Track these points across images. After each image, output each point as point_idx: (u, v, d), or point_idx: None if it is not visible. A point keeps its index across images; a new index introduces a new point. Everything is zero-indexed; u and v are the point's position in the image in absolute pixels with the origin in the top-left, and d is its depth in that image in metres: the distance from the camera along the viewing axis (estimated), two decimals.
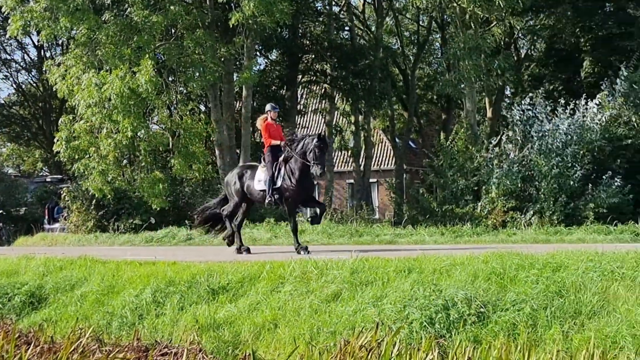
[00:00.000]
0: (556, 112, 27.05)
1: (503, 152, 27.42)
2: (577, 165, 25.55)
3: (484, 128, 38.89)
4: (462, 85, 31.42)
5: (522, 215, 25.23)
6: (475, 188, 27.91)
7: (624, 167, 26.35)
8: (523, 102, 27.91)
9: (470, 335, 9.95)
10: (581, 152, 25.90)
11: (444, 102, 48.93)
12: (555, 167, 25.24)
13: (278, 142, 18.06)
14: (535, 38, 42.75)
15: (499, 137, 29.86)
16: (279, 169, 17.66)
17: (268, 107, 18.73)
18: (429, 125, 54.81)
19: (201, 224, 20.57)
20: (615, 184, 25.09)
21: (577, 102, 27.26)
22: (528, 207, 25.44)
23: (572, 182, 25.16)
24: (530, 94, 28.91)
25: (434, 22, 46.08)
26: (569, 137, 26.08)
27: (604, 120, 26.97)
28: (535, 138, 26.46)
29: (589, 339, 9.19)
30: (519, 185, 26.00)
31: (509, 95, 44.88)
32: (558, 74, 40.43)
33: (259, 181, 18.02)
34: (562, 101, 27.42)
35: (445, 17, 41.28)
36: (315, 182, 19.47)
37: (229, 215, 18.89)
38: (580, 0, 37.02)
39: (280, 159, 17.77)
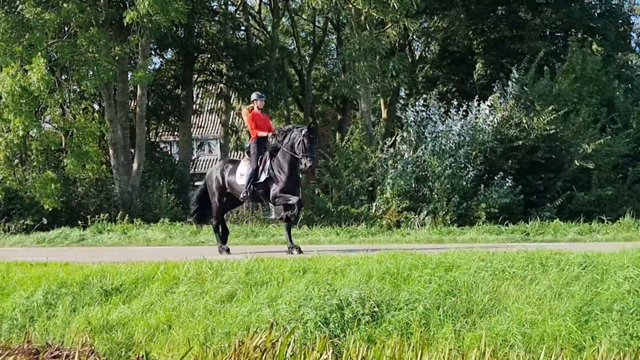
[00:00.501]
0: (449, 113, 27.40)
1: (397, 152, 27.65)
2: (469, 165, 25.95)
3: (379, 129, 39.15)
4: (358, 86, 31.62)
5: (416, 216, 25.48)
6: (370, 188, 28.08)
7: (515, 168, 26.86)
8: (417, 103, 28.16)
9: (364, 334, 10.01)
10: (474, 153, 26.31)
11: (340, 102, 49.11)
12: (448, 168, 25.56)
13: (265, 134, 17.01)
14: (429, 40, 43.33)
15: (393, 137, 30.15)
16: (264, 163, 16.61)
17: (254, 96, 17.59)
18: (324, 126, 54.87)
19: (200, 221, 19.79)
20: (507, 184, 25.55)
21: (469, 103, 27.65)
22: (422, 207, 25.70)
23: (464, 183, 25.54)
24: (424, 96, 29.23)
25: (329, 23, 46.25)
26: (462, 138, 26.47)
27: (496, 121, 27.43)
28: (429, 139, 26.76)
29: (481, 337, 9.34)
30: (413, 185, 26.23)
31: (404, 96, 45.36)
32: (451, 75, 41.01)
33: (241, 175, 16.96)
34: (455, 103, 27.79)
35: (340, 18, 41.44)
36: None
37: (217, 222, 17.90)
38: (472, 3, 37.62)
39: (266, 152, 16.72)
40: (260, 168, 16.58)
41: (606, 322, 8.99)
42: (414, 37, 44.20)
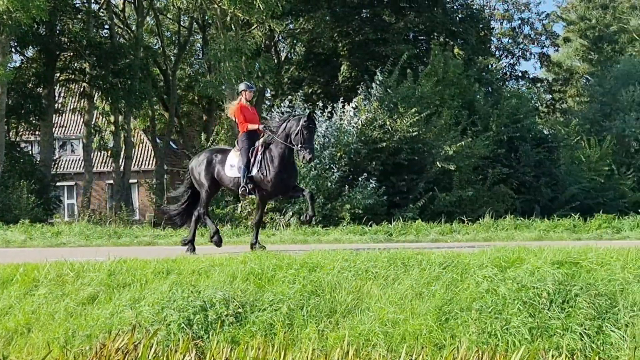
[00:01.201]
0: (315, 114, 27.56)
1: None
2: (334, 167, 26.17)
3: None
4: (223, 87, 31.55)
5: (282, 216, 25.55)
6: None
7: (378, 169, 27.24)
8: (282, 104, 28.26)
9: (228, 336, 9.97)
10: (338, 154, 26.55)
11: (206, 103, 48.89)
12: (313, 169, 25.70)
13: (256, 127, 15.66)
14: (295, 41, 43.56)
15: None
16: (255, 155, 15.32)
17: (242, 86, 16.15)
18: (190, 126, 54.56)
19: (175, 222, 17.71)
20: (371, 185, 25.88)
21: (334, 105, 27.90)
22: (287, 208, 25.79)
23: (329, 184, 25.74)
24: (290, 97, 29.34)
25: (195, 23, 45.96)
26: (327, 139, 26.67)
27: (360, 123, 27.74)
28: None
29: (344, 337, 9.42)
30: None
31: (269, 97, 45.45)
32: (317, 77, 41.33)
33: (231, 166, 15.65)
34: (321, 104, 28.02)
35: (206, 18, 41.25)
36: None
37: (205, 211, 16.25)
38: (337, 5, 38.01)
39: (258, 143, 15.40)
40: (252, 161, 15.33)
41: (465, 320, 9.18)
42: (280, 38, 44.39)
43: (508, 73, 50.78)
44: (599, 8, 53.22)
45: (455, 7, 42.48)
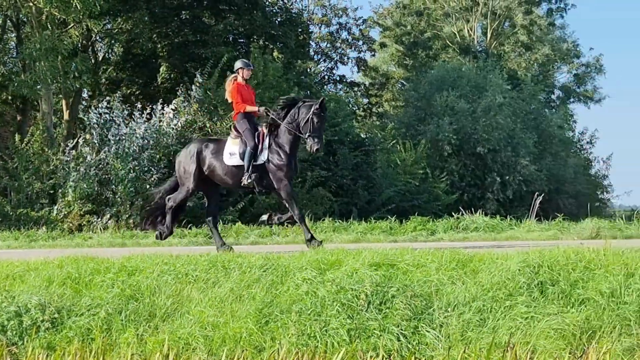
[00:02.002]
0: (133, 116, 27.18)
1: (80, 155, 27.04)
2: (153, 169, 25.88)
3: (61, 130, 38.10)
4: (39, 87, 30.61)
5: (99, 219, 25.06)
6: (52, 191, 27.29)
7: None
8: (100, 105, 27.76)
9: (44, 341, 9.75)
10: (157, 156, 26.28)
11: (20, 103, 47.24)
12: (132, 171, 25.36)
13: (255, 108, 14.54)
14: (112, 42, 42.72)
15: (75, 140, 29.43)
16: (262, 141, 13.98)
17: (239, 63, 14.93)
18: (3, 127, 52.65)
19: (150, 224, 15.69)
20: None
21: (154, 106, 27.62)
22: (105, 210, 25.34)
23: (148, 186, 25.42)
24: (108, 98, 28.87)
25: (8, 21, 44.41)
26: (146, 141, 26.35)
27: (180, 125, 27.56)
28: (113, 142, 26.40)
29: (163, 341, 9.34)
30: (96, 188, 25.80)
31: (87, 98, 44.43)
32: (135, 78, 40.73)
33: (230, 155, 14.10)
34: (139, 105, 27.68)
35: (20, 16, 39.91)
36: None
37: (174, 207, 14.73)
38: (157, 6, 37.56)
39: (263, 128, 14.12)
40: (260, 147, 13.98)
41: (285, 323, 9.27)
42: (98, 38, 43.43)
43: (326, 77, 51.57)
44: (414, 15, 54.74)
45: (274, 10, 42.79)
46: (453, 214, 22.21)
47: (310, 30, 48.73)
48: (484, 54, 51.84)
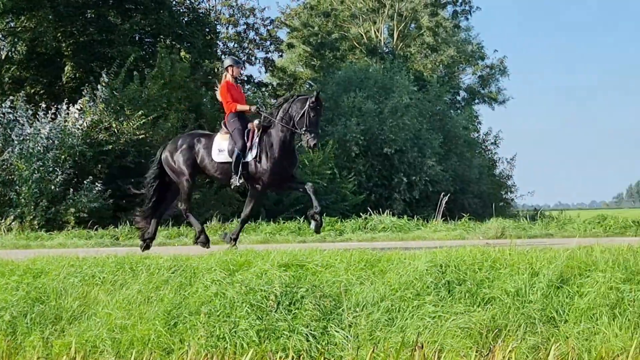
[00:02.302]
0: (37, 116, 26.72)
1: None
2: (58, 169, 25.47)
3: None
4: None
5: (2, 221, 24.55)
6: None
7: (104, 172, 26.88)
8: (4, 105, 27.22)
9: None
10: (63, 156, 25.86)
11: None
12: (36, 172, 24.93)
13: (247, 107, 13.98)
14: (16, 40, 41.86)
15: None
16: (251, 139, 13.51)
17: (228, 61, 14.36)
18: None
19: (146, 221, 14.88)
20: (96, 188, 25.46)
21: (58, 106, 27.19)
22: (8, 212, 24.84)
23: (53, 187, 25.05)
24: (11, 97, 28.29)
25: None
26: (51, 141, 25.90)
27: (86, 125, 27.20)
28: (16, 142, 25.89)
29: (70, 344, 9.22)
30: None
31: None
32: (40, 77, 39.93)
33: (219, 151, 13.74)
34: (44, 105, 27.21)
35: None
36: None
37: (188, 206, 14.19)
38: (61, 4, 36.92)
39: (252, 125, 13.60)
40: (249, 144, 13.54)
41: (194, 324, 9.23)
42: (0, 36, 42.54)
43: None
44: (321, 16, 54.94)
45: (181, 10, 42.47)
46: (361, 214, 22.40)
47: (217, 30, 48.45)
48: (390, 55, 52.25)
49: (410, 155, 40.08)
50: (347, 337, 8.86)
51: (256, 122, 13.62)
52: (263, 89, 50.91)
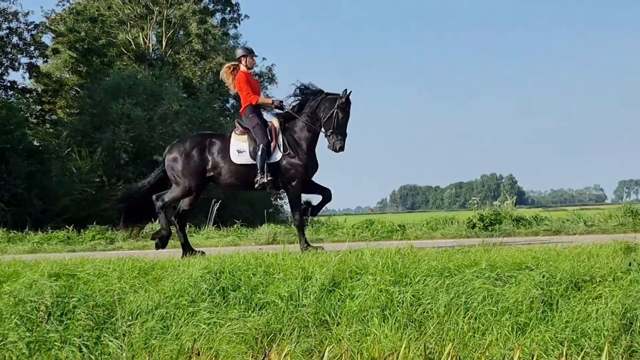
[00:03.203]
0: None
1: None
2: None
3: None
4: None
5: None
6: None
7: None
8: None
9: None
10: None
11: None
12: None
13: (269, 100, 12.86)
14: None
15: None
16: (275, 137, 12.43)
17: (241, 51, 13.12)
18: None
19: (129, 223, 13.84)
20: None
21: None
22: None
23: None
24: None
25: None
26: None
27: None
28: None
29: None
30: None
31: None
32: None
33: (239, 152, 12.46)
34: None
35: None
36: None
37: (165, 204, 12.89)
38: None
39: (273, 122, 12.56)
40: (274, 144, 12.45)
41: None
42: None
43: None
44: (88, 21, 53.74)
45: None
46: None
47: None
48: (159, 62, 51.93)
49: None
50: (121, 346, 8.76)
51: (276, 120, 12.67)
52: (27, 95, 49.29)
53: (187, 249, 12.88)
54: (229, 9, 58.13)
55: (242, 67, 12.95)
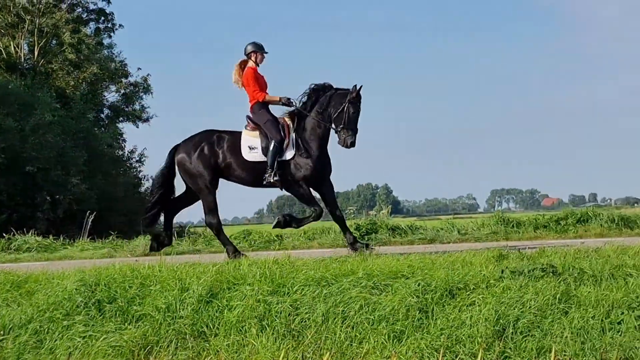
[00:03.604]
0: None
1: None
2: None
3: None
4: None
5: None
6: None
7: None
8: None
9: None
10: None
11: None
12: None
13: (277, 97, 12.47)
14: None
15: None
16: (287, 134, 12.20)
17: (251, 47, 12.72)
18: None
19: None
20: None
21: None
22: None
23: None
24: None
25: None
26: None
27: None
28: None
29: None
30: None
31: None
32: None
33: (250, 149, 12.24)
34: None
35: None
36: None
37: (218, 221, 12.66)
38: None
39: (285, 119, 12.32)
40: (287, 141, 12.19)
41: None
42: None
43: None
44: None
45: None
46: (4, 234, 21.64)
47: None
48: (32, 72, 50.82)
49: (54, 174, 39.21)
50: None
51: (287, 118, 12.55)
52: None
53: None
54: (102, 18, 57.27)
55: (251, 63, 12.86)
